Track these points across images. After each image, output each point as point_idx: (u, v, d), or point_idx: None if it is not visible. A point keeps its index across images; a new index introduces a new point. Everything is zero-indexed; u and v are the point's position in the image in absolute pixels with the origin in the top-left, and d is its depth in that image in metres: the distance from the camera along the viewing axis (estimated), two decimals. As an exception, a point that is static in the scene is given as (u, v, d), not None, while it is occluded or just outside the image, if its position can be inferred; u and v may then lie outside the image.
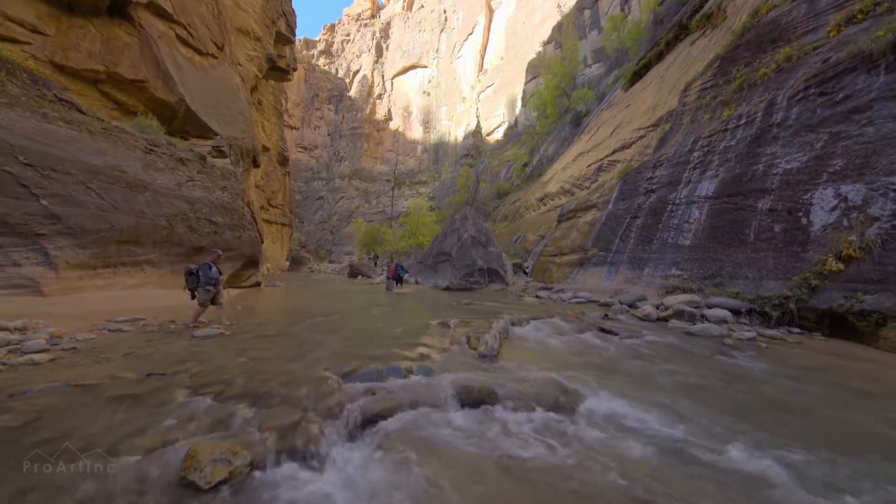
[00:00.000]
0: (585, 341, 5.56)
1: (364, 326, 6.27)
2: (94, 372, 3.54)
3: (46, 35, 10.61)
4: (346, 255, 53.88)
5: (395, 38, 75.50)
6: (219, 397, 2.95)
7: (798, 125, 7.92)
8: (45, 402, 2.80)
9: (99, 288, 8.09)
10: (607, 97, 27.29)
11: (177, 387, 3.14)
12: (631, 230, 11.72)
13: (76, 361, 3.95)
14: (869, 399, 3.46)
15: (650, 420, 2.84)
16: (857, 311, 5.54)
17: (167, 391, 3.04)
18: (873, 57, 6.92)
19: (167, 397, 2.93)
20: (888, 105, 6.50)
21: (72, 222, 7.49)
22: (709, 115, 11.34)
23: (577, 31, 39.97)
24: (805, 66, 8.65)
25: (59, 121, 8.21)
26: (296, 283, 20.35)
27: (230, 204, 12.08)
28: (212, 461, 1.99)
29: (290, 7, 27.69)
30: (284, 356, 4.19)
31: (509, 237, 24.14)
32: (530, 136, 38.06)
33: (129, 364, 3.83)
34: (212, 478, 1.93)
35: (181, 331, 5.69)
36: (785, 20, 10.10)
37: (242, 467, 2.04)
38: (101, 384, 3.21)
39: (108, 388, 3.10)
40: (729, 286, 7.64)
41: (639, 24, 29.63)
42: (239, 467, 2.03)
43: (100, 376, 3.40)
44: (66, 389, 3.08)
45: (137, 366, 3.75)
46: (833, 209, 6.62)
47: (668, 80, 17.21)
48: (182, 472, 1.95)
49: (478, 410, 2.96)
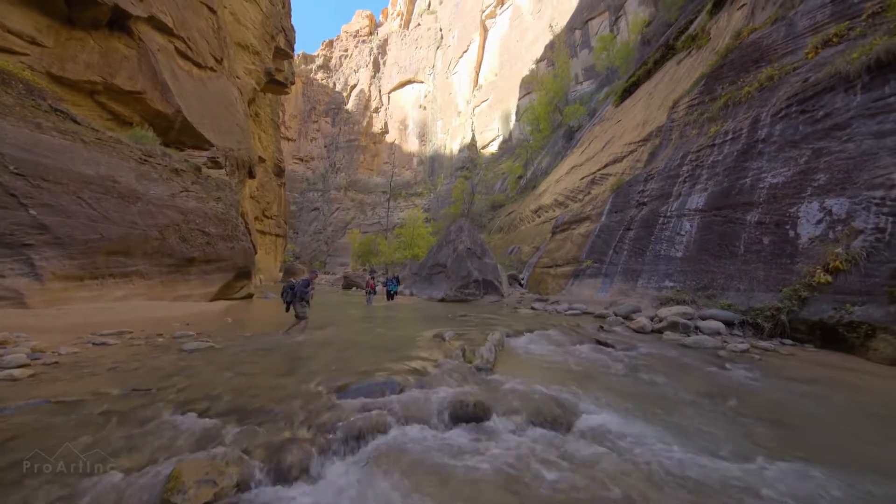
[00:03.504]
0: (581, 354, 5.53)
1: (358, 339, 6.17)
2: (76, 388, 3.42)
3: (45, 47, 10.67)
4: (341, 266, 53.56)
5: (392, 55, 77.30)
6: (206, 414, 2.85)
7: (782, 141, 8.19)
8: (23, 420, 2.69)
9: (85, 300, 7.90)
10: (598, 113, 28.05)
11: (162, 403, 3.03)
12: (624, 242, 11.86)
13: (58, 377, 3.81)
14: (864, 412, 3.47)
15: (648, 436, 2.80)
16: (847, 322, 5.62)
17: (152, 407, 2.94)
18: (850, 77, 7.25)
19: (152, 414, 2.83)
20: (866, 123, 6.78)
21: (60, 232, 7.37)
22: (696, 130, 11.70)
23: (569, 49, 41.39)
24: (786, 85, 9.03)
25: (53, 131, 8.17)
26: (289, 294, 20.02)
27: (224, 215, 12.01)
28: (196, 482, 1.91)
29: (289, 23, 28.32)
30: (275, 370, 4.10)
31: (504, 248, 24.25)
32: (524, 150, 38.80)
33: (114, 379, 3.71)
34: (196, 500, 1.85)
35: (169, 344, 5.55)
36: (766, 42, 10.59)
37: (228, 488, 1.96)
38: (83, 400, 3.09)
39: (91, 405, 2.99)
40: (721, 298, 7.72)
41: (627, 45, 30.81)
42: (225, 488, 1.95)
43: (82, 392, 3.28)
44: (46, 406, 2.96)
45: (122, 381, 3.63)
46: (819, 222, 6.79)
47: (656, 97, 17.78)
48: (164, 495, 1.87)
49: (473, 426, 2.90)
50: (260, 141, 27.82)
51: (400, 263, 32.43)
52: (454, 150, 62.35)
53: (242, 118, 18.61)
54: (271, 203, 30.69)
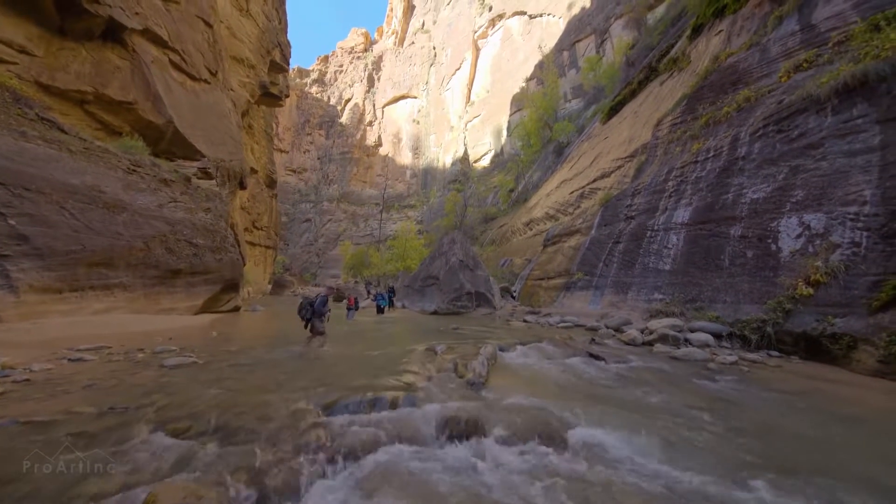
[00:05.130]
0: (574, 367, 5.51)
1: (347, 353, 6.04)
2: (48, 407, 3.24)
3: (35, 56, 10.59)
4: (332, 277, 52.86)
5: (387, 71, 78.99)
6: (186, 433, 2.73)
7: (761, 158, 8.56)
8: (-14, 443, 2.52)
9: (63, 313, 7.59)
10: (587, 129, 28.94)
11: (140, 422, 2.89)
12: (614, 255, 12.05)
13: (29, 395, 3.61)
14: (851, 424, 3.52)
15: (642, 452, 2.78)
16: (830, 334, 5.75)
17: (129, 427, 2.79)
18: (820, 100, 7.68)
19: (128, 434, 2.69)
20: (837, 143, 7.14)
21: (40, 243, 7.13)
22: (680, 147, 12.14)
23: (558, 69, 42.94)
24: (762, 106, 9.50)
25: (39, 139, 8.03)
26: (277, 307, 19.65)
27: (213, 226, 11.82)
28: (173, 508, 1.81)
29: (285, 39, 28.80)
30: (261, 387, 3.97)
31: (497, 261, 24.35)
32: (516, 164, 39.57)
33: (89, 397, 3.53)
34: (172, 528, 1.74)
35: (149, 360, 5.33)
36: (742, 66, 11.19)
37: (208, 514, 1.86)
38: (55, 421, 2.92)
39: (63, 426, 2.83)
40: (709, 310, 7.85)
41: (613, 66, 32.16)
42: (204, 514, 1.85)
43: (54, 412, 3.11)
44: (14, 427, 2.79)
45: (98, 399, 3.46)
46: (798, 236, 7.03)
47: (641, 116, 18.48)
48: (138, 522, 1.76)
49: (465, 444, 2.84)
50: (252, 152, 27.77)
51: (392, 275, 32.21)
52: (447, 164, 63.20)
53: (235, 129, 18.60)
54: (262, 214, 30.40)
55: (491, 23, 59.57)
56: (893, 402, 4.16)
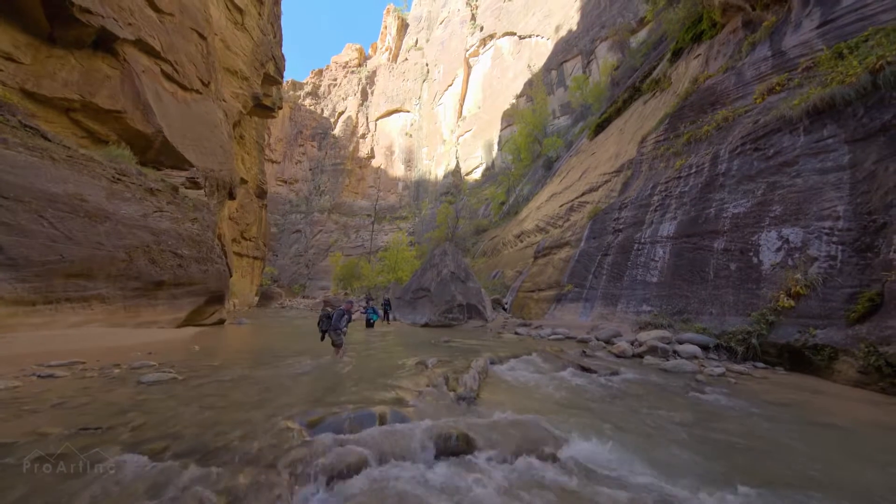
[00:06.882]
0: (565, 380, 5.49)
1: (335, 368, 5.89)
2: (12, 428, 3.04)
3: (21, 63, 10.43)
4: (322, 289, 52.03)
5: (380, 85, 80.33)
6: (162, 454, 2.59)
7: (740, 175, 8.91)
8: (-60, 469, 2.34)
9: (35, 326, 7.24)
10: (575, 145, 29.79)
11: (113, 443, 2.74)
12: (603, 267, 12.22)
13: (-9, 415, 3.39)
14: (836, 434, 3.57)
15: (634, 466, 2.76)
16: (812, 345, 5.90)
17: (100, 449, 2.64)
18: (793, 121, 8.10)
19: (99, 456, 2.53)
20: (811, 161, 7.51)
21: (14, 253, 6.85)
22: (664, 163, 12.58)
23: (546, 87, 44.42)
24: (740, 125, 9.97)
25: (20, 146, 7.81)
26: (264, 319, 19.16)
27: (199, 236, 11.59)
28: (144, 537, 1.69)
29: (279, 52, 29.12)
30: (244, 404, 3.82)
31: (488, 272, 24.41)
32: (506, 177, 40.24)
33: (59, 417, 3.34)
34: (142, 559, 1.63)
35: (126, 376, 5.10)
36: (720, 87, 11.77)
37: (182, 543, 1.75)
38: (19, 443, 2.74)
39: (28, 448, 2.65)
40: (696, 321, 7.97)
41: (599, 85, 33.44)
42: (177, 543, 1.73)
43: (19, 433, 2.92)
44: (-28, 451, 2.60)
45: (67, 419, 3.27)
46: (778, 249, 7.28)
47: (626, 133, 19.14)
48: (105, 554, 1.64)
49: (456, 460, 2.77)
50: (243, 163, 27.59)
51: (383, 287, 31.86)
52: (439, 176, 63.86)
53: (226, 140, 18.50)
54: (251, 225, 29.97)
55: (482, 42, 61.62)
56: (874, 413, 4.25)
